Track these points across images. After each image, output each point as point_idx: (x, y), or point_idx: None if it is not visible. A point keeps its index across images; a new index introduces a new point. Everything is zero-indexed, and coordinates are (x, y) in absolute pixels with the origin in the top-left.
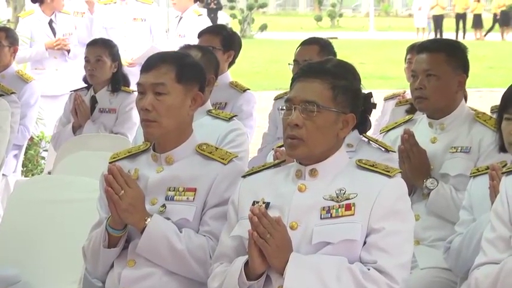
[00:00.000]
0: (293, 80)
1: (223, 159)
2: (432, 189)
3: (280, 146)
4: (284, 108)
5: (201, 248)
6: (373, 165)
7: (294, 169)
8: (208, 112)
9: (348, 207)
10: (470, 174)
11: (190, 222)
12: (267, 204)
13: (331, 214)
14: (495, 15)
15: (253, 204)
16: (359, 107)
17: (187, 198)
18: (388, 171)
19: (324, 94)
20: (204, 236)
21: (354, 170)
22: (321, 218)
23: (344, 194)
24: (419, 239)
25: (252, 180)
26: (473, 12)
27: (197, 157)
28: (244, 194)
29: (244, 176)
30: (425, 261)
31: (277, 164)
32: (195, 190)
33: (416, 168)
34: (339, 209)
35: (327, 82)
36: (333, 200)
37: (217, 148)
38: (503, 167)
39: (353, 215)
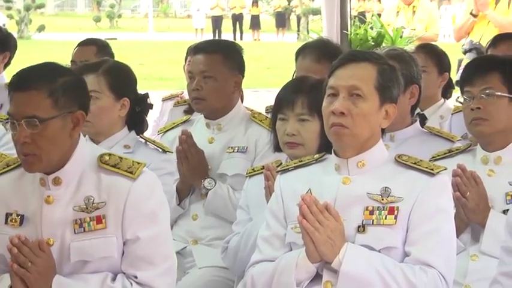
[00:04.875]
0: (9, 90)
1: None
2: (210, 189)
3: None
4: (8, 121)
5: None
6: (114, 166)
7: (38, 175)
8: None
9: (99, 220)
10: (246, 174)
11: None
12: (22, 218)
13: (84, 228)
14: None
15: (7, 216)
16: (86, 99)
17: None
18: (131, 172)
19: (44, 104)
20: None
21: (98, 172)
22: (75, 232)
23: (93, 203)
24: (197, 238)
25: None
26: (251, 13)
27: None
28: None
29: None
30: (203, 260)
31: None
32: None
33: (194, 168)
34: (91, 223)
35: (43, 89)
36: (83, 211)
37: None
38: (278, 166)
39: (105, 228)
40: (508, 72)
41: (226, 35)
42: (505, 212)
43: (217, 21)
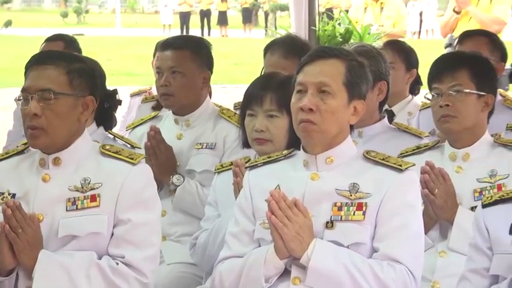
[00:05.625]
0: (26, 68)
1: None
2: (178, 185)
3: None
4: (21, 98)
5: None
6: (116, 152)
7: (38, 157)
8: None
9: (93, 198)
10: (215, 170)
11: None
12: (13, 196)
13: (76, 206)
14: None
15: None
16: (97, 88)
17: None
18: (132, 158)
19: (60, 80)
20: None
21: (98, 157)
22: (66, 210)
23: (89, 183)
24: (165, 234)
25: None
26: (218, 10)
27: None
28: None
29: None
30: (172, 256)
31: (22, 151)
32: None
33: (162, 164)
34: (84, 201)
35: (61, 67)
36: (78, 190)
37: None
38: (247, 162)
39: (98, 206)
40: (476, 69)
41: (194, 31)
42: (473, 208)
43: (185, 17)
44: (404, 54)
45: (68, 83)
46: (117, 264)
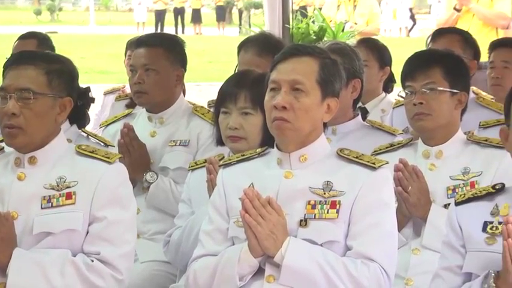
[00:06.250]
0: (5, 68)
1: None
2: (152, 182)
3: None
4: None
5: None
6: (92, 152)
7: (13, 157)
8: None
9: (69, 196)
10: (189, 167)
11: None
12: None
13: (52, 204)
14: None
15: None
16: (75, 90)
17: None
18: (108, 158)
19: (39, 80)
20: None
21: (74, 157)
22: (41, 207)
23: (64, 182)
24: (139, 232)
25: None
26: (192, 7)
27: None
28: None
29: None
30: (145, 254)
31: None
32: None
33: (136, 162)
34: (60, 198)
35: (40, 67)
36: (53, 188)
37: None
38: (221, 160)
39: (74, 203)
40: (450, 67)
41: (168, 28)
42: (446, 206)
43: (160, 15)
44: (378, 52)
45: (47, 84)
46: (92, 261)
